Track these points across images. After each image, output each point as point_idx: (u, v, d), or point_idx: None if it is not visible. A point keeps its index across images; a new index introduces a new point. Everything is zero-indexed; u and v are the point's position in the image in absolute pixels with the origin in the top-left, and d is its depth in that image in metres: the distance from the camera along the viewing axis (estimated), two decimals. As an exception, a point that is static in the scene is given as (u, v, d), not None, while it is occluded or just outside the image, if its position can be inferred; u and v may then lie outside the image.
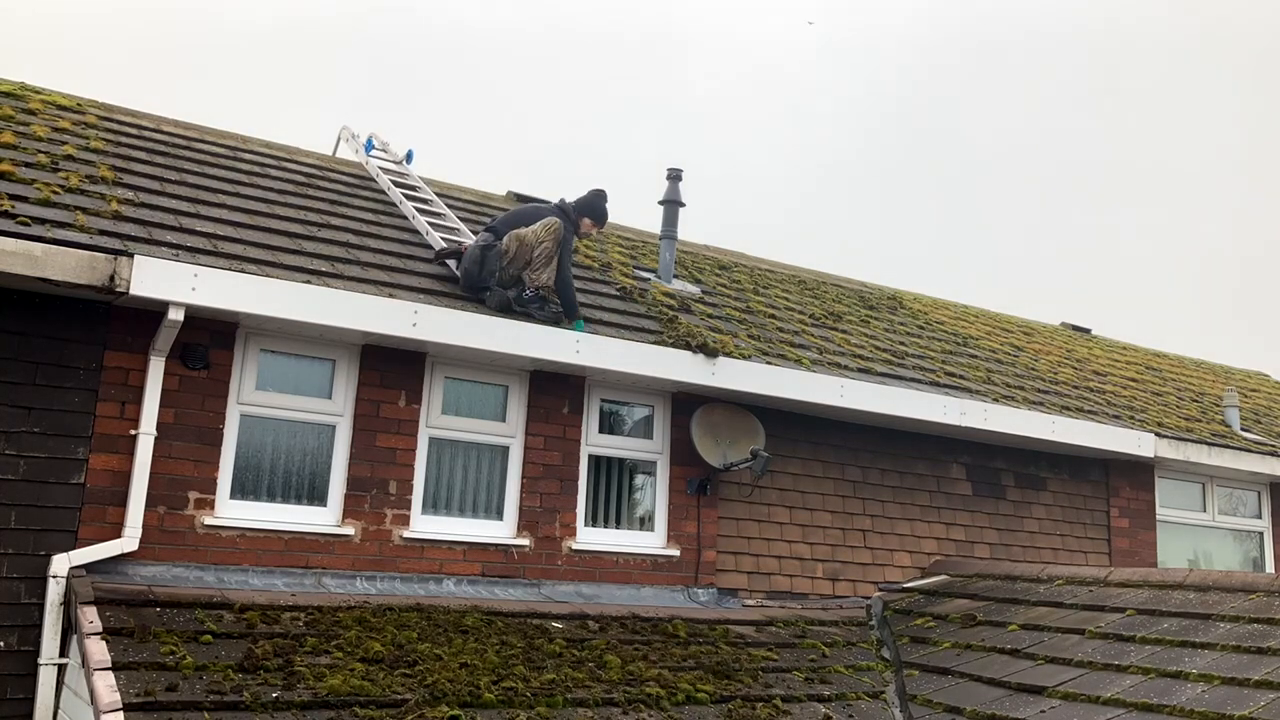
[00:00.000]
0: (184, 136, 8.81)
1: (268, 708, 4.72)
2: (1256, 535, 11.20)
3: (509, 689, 5.28)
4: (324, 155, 9.70)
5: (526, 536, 7.16)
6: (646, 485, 7.84)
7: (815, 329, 9.64)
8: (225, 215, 7.19)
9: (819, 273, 12.40)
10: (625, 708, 5.44)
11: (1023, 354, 11.88)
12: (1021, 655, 6.47)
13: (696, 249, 11.22)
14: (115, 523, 5.87)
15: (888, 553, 8.71)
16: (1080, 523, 9.87)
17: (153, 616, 5.37)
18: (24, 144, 7.22)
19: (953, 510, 9.14)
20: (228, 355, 6.33)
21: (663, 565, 7.64)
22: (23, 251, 5.50)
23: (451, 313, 6.70)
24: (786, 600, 8.04)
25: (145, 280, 5.71)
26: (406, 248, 7.86)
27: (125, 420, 5.98)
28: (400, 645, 5.56)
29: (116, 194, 6.84)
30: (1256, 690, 5.16)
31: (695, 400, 7.82)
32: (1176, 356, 15.33)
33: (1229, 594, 6.51)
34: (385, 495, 6.71)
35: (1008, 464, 9.50)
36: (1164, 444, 9.95)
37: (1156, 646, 6.03)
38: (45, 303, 5.84)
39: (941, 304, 13.27)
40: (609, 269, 9.13)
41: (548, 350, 6.96)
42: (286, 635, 5.47)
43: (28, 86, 8.57)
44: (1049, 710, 5.60)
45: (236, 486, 6.34)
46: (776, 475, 8.16)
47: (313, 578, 6.38)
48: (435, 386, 7.03)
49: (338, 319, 6.30)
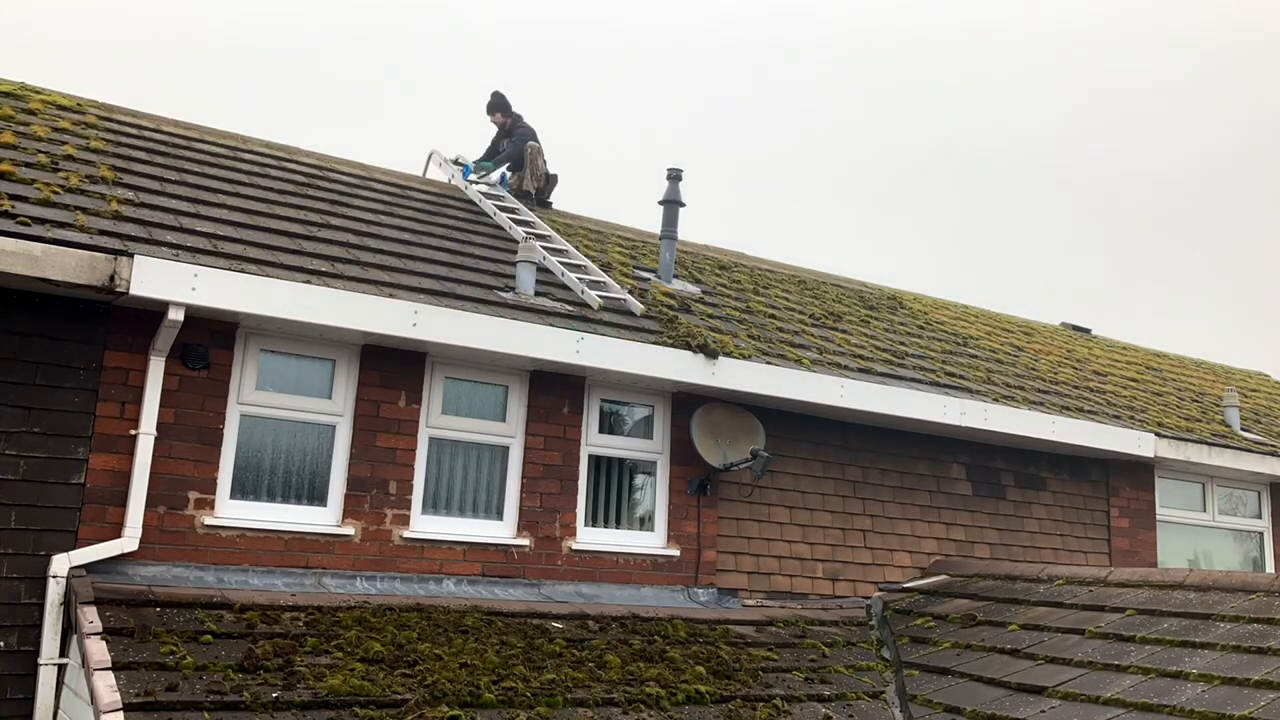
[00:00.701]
0: (184, 136, 8.81)
1: (268, 708, 4.72)
2: (1256, 535, 11.20)
3: (509, 689, 5.28)
4: (324, 155, 9.70)
5: (526, 536, 7.16)
6: (646, 485, 7.84)
7: (815, 329, 9.63)
8: (225, 215, 7.19)
9: (819, 273, 12.40)
10: (625, 708, 5.44)
11: (1023, 354, 11.88)
12: (1021, 655, 6.47)
13: (696, 249, 11.21)
14: (115, 523, 5.87)
15: (888, 553, 8.71)
16: (1080, 523, 9.87)
17: (153, 616, 5.37)
18: (24, 144, 7.22)
19: (953, 510, 9.14)
20: (228, 355, 6.33)
21: (663, 565, 7.64)
22: (23, 251, 5.50)
23: (451, 313, 6.70)
24: (786, 600, 8.04)
25: (145, 280, 5.71)
26: (407, 248, 7.86)
27: (125, 420, 5.98)
28: (400, 645, 5.56)
29: (116, 194, 6.84)
30: (1256, 690, 5.16)
31: (695, 400, 7.82)
32: (1176, 356, 15.33)
33: (1229, 594, 6.51)
34: (385, 495, 6.71)
35: (1008, 464, 9.50)
36: (1164, 444, 9.95)
37: (1156, 646, 6.03)
38: (45, 303, 5.84)
39: (941, 304, 13.27)
40: (609, 269, 9.13)
41: (548, 350, 6.96)
42: (286, 635, 5.47)
43: (28, 86, 8.57)
44: (1049, 710, 5.60)
45: (236, 486, 6.34)
46: (776, 475, 8.16)
47: (313, 578, 6.37)
48: (435, 386, 7.03)
49: (338, 319, 6.30)
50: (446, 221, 9.06)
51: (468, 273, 7.81)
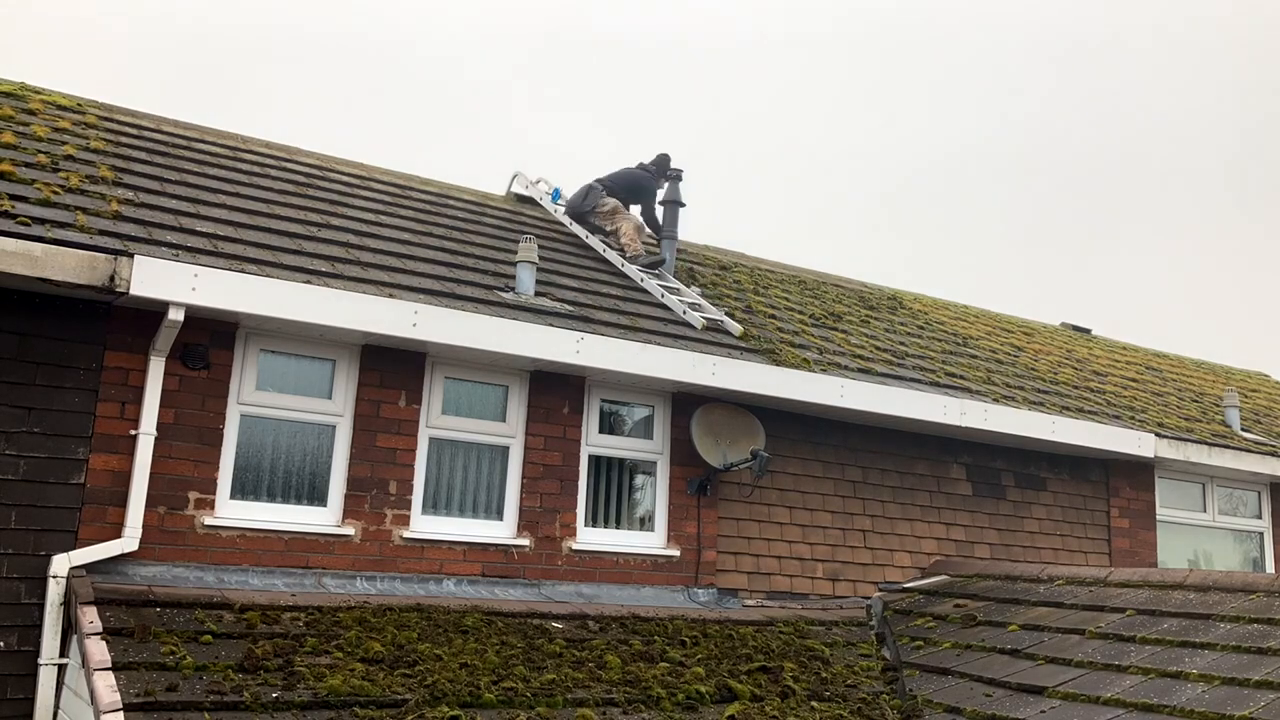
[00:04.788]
0: (184, 136, 8.81)
1: (268, 708, 4.72)
2: (1256, 535, 11.19)
3: (509, 689, 5.28)
4: (324, 155, 9.70)
5: (526, 536, 7.15)
6: (646, 485, 7.84)
7: (815, 329, 9.63)
8: (225, 215, 7.19)
9: (819, 273, 12.40)
10: (625, 708, 5.44)
11: (1023, 354, 11.88)
12: (1021, 655, 6.47)
13: (696, 249, 11.22)
14: (115, 523, 5.86)
15: (888, 553, 8.71)
16: (1080, 523, 9.86)
17: (153, 617, 5.37)
18: (24, 144, 7.22)
19: (953, 510, 9.14)
20: (228, 355, 6.33)
21: (663, 565, 7.64)
22: (23, 251, 5.50)
23: (451, 313, 6.70)
24: (786, 600, 8.04)
25: (145, 280, 5.71)
26: (407, 248, 7.87)
27: (125, 420, 5.98)
28: (400, 645, 5.56)
29: (116, 194, 6.84)
30: (1257, 690, 5.16)
31: (695, 400, 7.82)
32: (1176, 356, 15.32)
33: (1229, 594, 6.51)
34: (385, 495, 6.71)
35: (1008, 464, 9.50)
36: (1164, 444, 9.95)
37: (1156, 646, 6.03)
38: (45, 303, 5.84)
39: (941, 304, 13.27)
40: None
41: (548, 350, 6.96)
42: (286, 635, 5.47)
43: (28, 86, 8.57)
44: (1049, 710, 5.60)
45: (236, 486, 6.34)
46: (776, 475, 8.16)
47: (313, 578, 6.37)
48: (435, 386, 7.03)
49: (338, 319, 6.30)
50: (446, 221, 9.06)
51: (468, 273, 7.81)
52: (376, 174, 9.77)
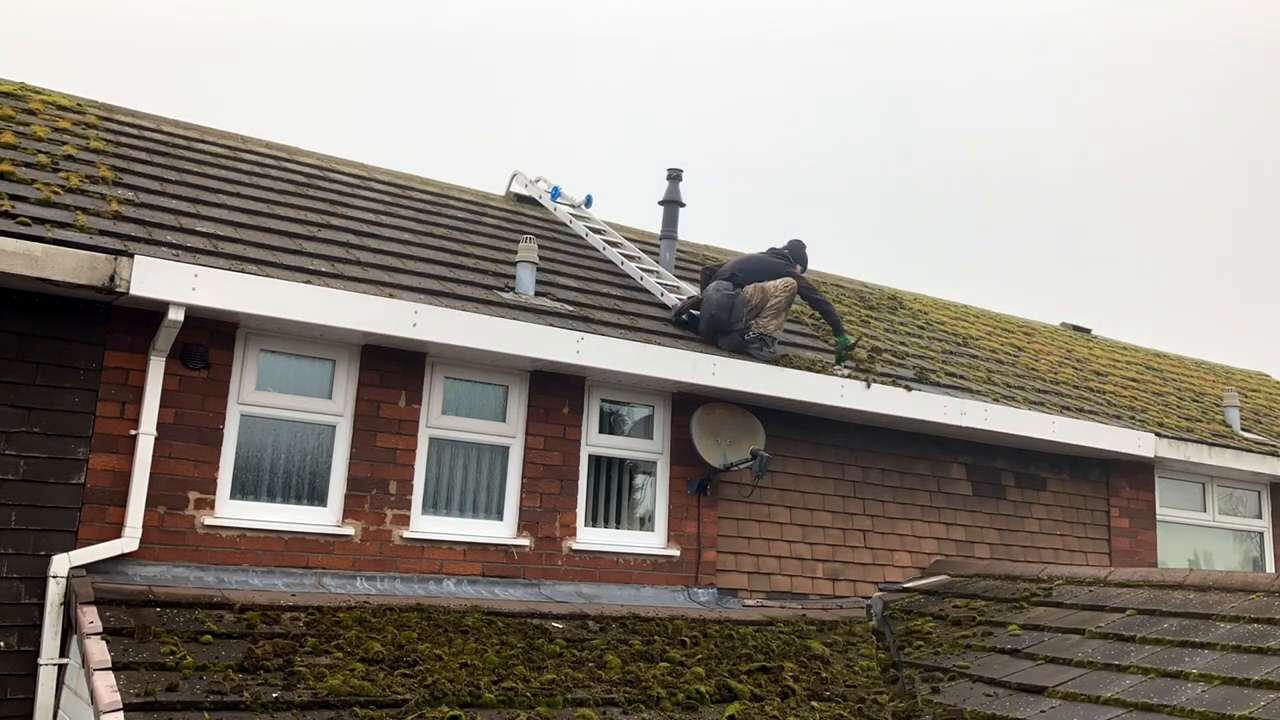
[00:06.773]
0: (184, 136, 8.81)
1: (268, 708, 4.72)
2: (1256, 535, 11.19)
3: (509, 689, 5.27)
4: (324, 155, 9.70)
5: (526, 536, 7.15)
6: (646, 485, 7.84)
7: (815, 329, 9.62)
8: (225, 215, 7.19)
9: (818, 273, 12.37)
10: (626, 708, 5.43)
11: (1023, 354, 11.88)
12: (1021, 655, 6.47)
13: (696, 249, 11.21)
14: (115, 523, 5.86)
15: (888, 553, 8.71)
16: (1080, 523, 9.86)
17: (153, 617, 5.37)
18: (24, 144, 7.22)
19: (953, 510, 9.13)
20: (228, 355, 6.33)
21: (663, 565, 7.63)
22: (23, 251, 5.50)
23: (452, 313, 6.70)
24: (787, 600, 8.04)
25: (145, 280, 5.71)
26: (407, 248, 7.87)
27: (125, 420, 5.98)
28: (400, 645, 5.56)
29: (116, 194, 6.84)
30: (1257, 690, 5.15)
31: (695, 400, 7.81)
32: (1176, 356, 15.32)
33: (1229, 594, 6.51)
34: (385, 495, 6.71)
35: (1008, 464, 9.50)
36: (1164, 444, 9.95)
37: (1156, 646, 6.03)
38: (45, 303, 5.84)
39: (941, 304, 13.27)
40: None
41: (548, 350, 6.96)
42: (286, 635, 5.47)
43: (28, 86, 8.57)
44: (1049, 710, 5.60)
45: (236, 486, 6.34)
46: (776, 475, 8.16)
47: (313, 578, 6.37)
48: (435, 386, 7.03)
49: (338, 319, 6.30)
50: (446, 221, 9.07)
51: (468, 273, 7.81)
52: (376, 174, 9.78)
